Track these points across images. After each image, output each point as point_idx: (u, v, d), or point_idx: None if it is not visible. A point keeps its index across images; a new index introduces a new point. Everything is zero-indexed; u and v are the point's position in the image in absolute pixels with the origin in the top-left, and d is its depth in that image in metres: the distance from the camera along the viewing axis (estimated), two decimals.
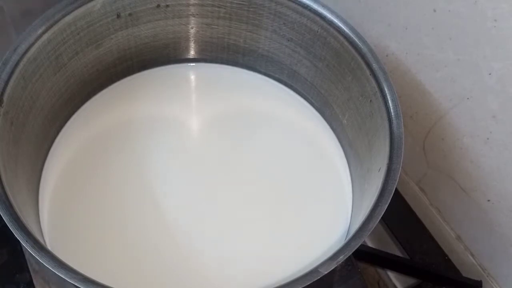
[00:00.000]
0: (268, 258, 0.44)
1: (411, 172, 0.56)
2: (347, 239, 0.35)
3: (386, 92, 0.42)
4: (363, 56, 0.44)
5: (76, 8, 0.45)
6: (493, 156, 0.45)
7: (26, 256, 0.46)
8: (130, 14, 0.49)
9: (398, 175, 0.38)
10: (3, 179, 0.36)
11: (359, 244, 0.34)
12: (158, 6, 0.50)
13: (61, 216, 0.45)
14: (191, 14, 0.52)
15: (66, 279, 0.31)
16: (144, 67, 0.55)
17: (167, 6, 0.50)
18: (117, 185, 0.47)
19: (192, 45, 0.55)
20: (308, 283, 0.32)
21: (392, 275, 0.60)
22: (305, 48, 0.50)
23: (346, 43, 0.45)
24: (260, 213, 0.46)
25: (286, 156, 0.51)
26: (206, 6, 0.51)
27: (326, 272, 0.33)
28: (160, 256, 0.43)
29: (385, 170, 0.38)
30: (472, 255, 0.52)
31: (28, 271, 0.45)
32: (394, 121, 0.41)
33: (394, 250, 0.55)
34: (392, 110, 0.41)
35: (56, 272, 0.31)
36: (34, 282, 0.45)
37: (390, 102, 0.41)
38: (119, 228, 0.44)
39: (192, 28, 0.53)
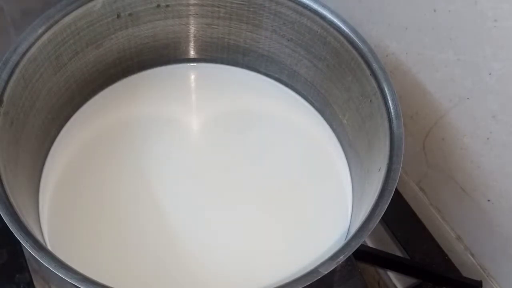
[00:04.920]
0: (268, 258, 0.44)
1: (411, 172, 0.56)
2: (347, 239, 0.35)
3: (386, 92, 0.42)
4: (363, 56, 0.44)
5: (76, 8, 0.45)
6: (493, 156, 0.45)
7: (26, 256, 0.46)
8: (130, 14, 0.49)
9: (398, 175, 0.38)
10: (3, 179, 0.36)
11: (359, 244, 0.34)
12: (158, 6, 0.50)
13: (61, 216, 0.45)
14: (191, 14, 0.52)
15: (66, 279, 0.31)
16: (144, 67, 0.55)
17: (167, 6, 0.50)
18: (117, 185, 0.47)
19: (192, 45, 0.55)
20: (308, 283, 0.32)
21: (392, 275, 0.60)
22: (305, 48, 0.50)
23: (346, 43, 0.45)
24: (259, 213, 0.46)
25: (285, 156, 0.51)
26: (206, 6, 0.51)
27: (326, 272, 0.33)
28: (159, 257, 0.43)
29: (385, 170, 0.38)
30: (472, 255, 0.52)
31: (28, 271, 0.45)
32: (394, 121, 0.41)
33: (394, 250, 0.55)
34: (392, 110, 0.41)
35: (56, 272, 0.31)
36: (34, 282, 0.45)
37: (390, 102, 0.41)
38: (119, 228, 0.44)
39: (192, 28, 0.53)
